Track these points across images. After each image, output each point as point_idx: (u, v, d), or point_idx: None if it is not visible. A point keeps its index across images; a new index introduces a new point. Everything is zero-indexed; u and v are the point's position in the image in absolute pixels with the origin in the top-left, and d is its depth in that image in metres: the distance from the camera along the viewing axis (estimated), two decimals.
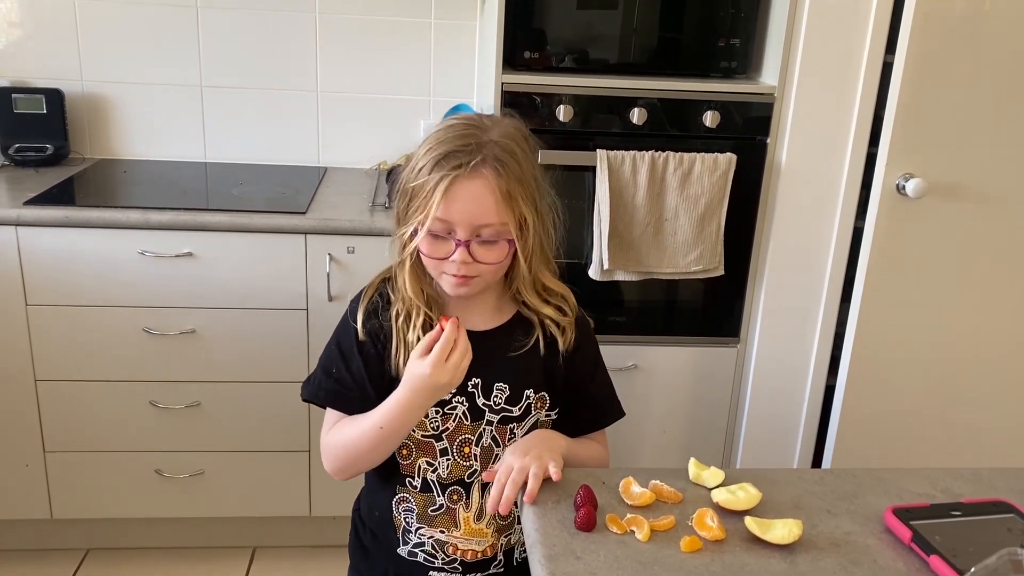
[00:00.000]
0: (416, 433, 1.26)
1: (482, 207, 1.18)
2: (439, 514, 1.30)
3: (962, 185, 2.00)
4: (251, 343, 2.10)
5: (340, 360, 1.28)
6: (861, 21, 1.99)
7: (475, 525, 1.29)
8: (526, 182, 1.22)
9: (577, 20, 2.12)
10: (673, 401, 2.26)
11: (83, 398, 2.10)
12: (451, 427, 1.27)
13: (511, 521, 1.31)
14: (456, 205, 1.17)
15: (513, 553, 1.34)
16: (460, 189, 1.18)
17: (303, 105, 2.51)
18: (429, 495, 1.29)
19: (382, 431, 1.20)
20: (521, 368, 1.27)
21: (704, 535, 1.02)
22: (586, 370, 1.33)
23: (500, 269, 1.24)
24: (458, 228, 1.18)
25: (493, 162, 1.19)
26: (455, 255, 1.19)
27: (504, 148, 1.20)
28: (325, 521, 2.29)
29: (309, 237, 2.04)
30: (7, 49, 2.40)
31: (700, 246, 2.08)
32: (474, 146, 1.19)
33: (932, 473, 1.20)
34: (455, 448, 1.27)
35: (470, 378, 1.24)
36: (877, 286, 2.03)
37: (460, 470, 1.28)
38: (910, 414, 2.16)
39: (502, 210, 1.18)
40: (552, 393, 1.30)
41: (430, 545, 1.31)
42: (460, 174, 1.17)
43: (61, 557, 2.26)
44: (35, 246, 1.99)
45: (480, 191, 1.18)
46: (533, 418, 1.29)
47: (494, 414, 1.27)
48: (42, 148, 2.34)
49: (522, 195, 1.20)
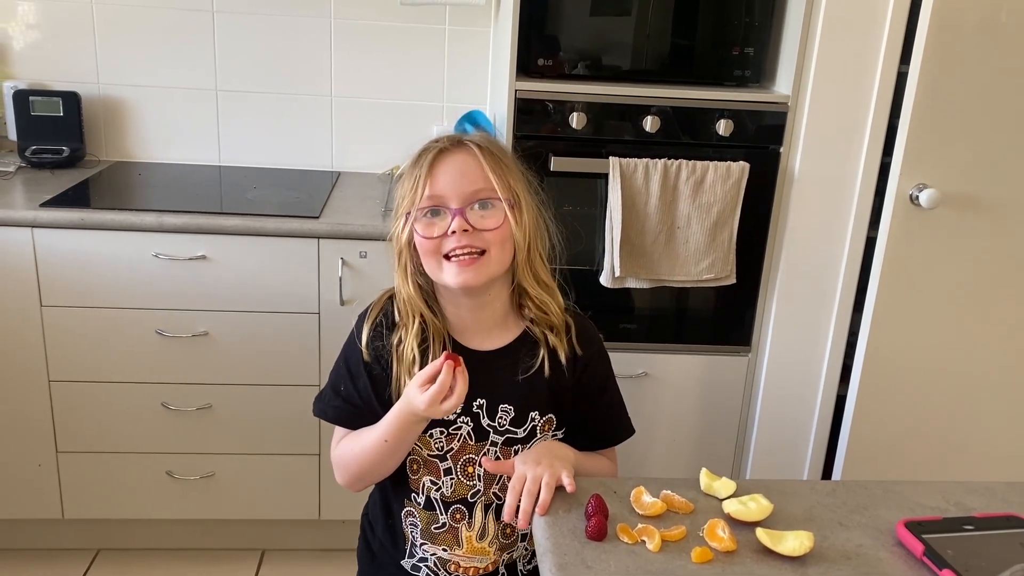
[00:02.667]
0: (423, 451, 1.26)
1: (470, 175, 1.19)
2: (442, 532, 1.29)
3: (976, 196, 2.00)
4: (263, 346, 2.11)
5: (348, 379, 1.28)
6: (876, 30, 1.99)
7: (477, 544, 1.29)
8: (512, 163, 1.24)
9: (590, 27, 2.12)
10: (683, 409, 2.26)
11: (96, 399, 2.12)
12: (455, 447, 1.26)
13: (514, 539, 1.31)
14: (444, 177, 1.19)
15: (516, 566, 1.34)
16: (446, 163, 1.20)
17: (317, 110, 2.52)
18: (432, 513, 1.29)
19: (386, 444, 1.20)
20: (526, 390, 1.26)
21: (715, 546, 1.02)
22: (596, 387, 1.32)
23: (504, 245, 1.21)
24: (450, 200, 1.18)
25: (475, 141, 1.22)
26: (452, 224, 1.17)
27: (485, 137, 1.25)
28: (334, 525, 2.30)
29: (322, 241, 2.05)
30: (25, 52, 2.42)
31: (712, 254, 2.08)
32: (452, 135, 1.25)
33: (945, 486, 1.19)
34: (459, 468, 1.27)
35: (475, 399, 1.24)
36: (889, 296, 2.02)
37: (463, 489, 1.28)
38: (922, 424, 2.15)
39: (492, 177, 1.19)
40: (559, 414, 1.29)
41: (432, 562, 1.31)
42: (445, 147, 1.21)
43: (72, 557, 2.27)
44: (51, 248, 2.00)
45: (467, 161, 1.20)
46: (539, 440, 1.28)
47: (498, 435, 1.26)
48: (58, 150, 2.35)
49: (510, 171, 1.22)
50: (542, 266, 1.28)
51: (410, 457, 1.27)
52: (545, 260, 1.29)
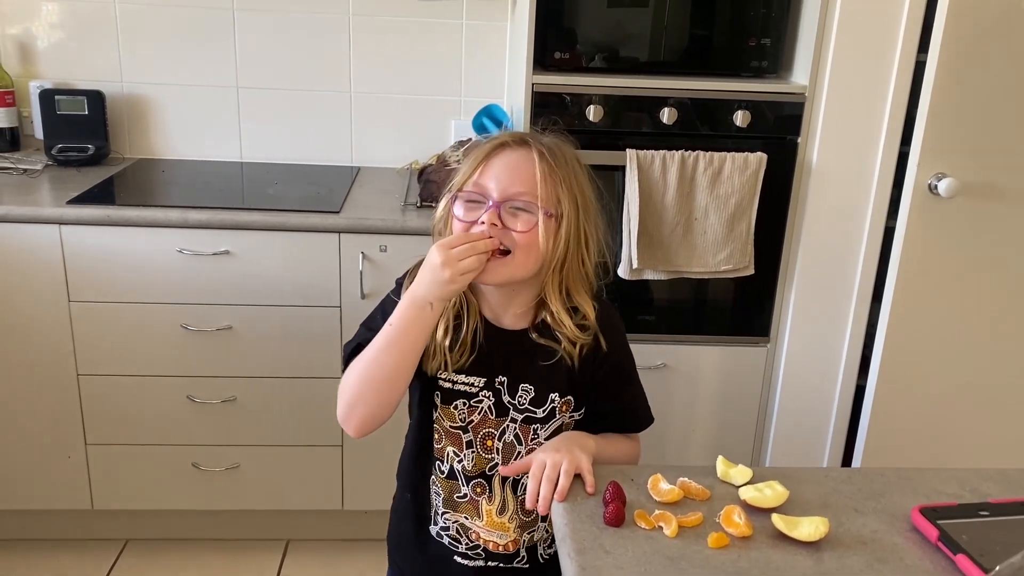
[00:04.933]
0: (445, 422, 1.29)
1: (519, 175, 1.20)
2: (464, 502, 1.32)
3: (994, 185, 1.99)
4: (286, 339, 2.14)
5: (382, 320, 1.26)
6: (893, 20, 1.98)
7: (497, 519, 1.31)
8: (571, 177, 1.23)
9: (607, 19, 2.13)
10: (703, 400, 2.27)
11: (123, 392, 2.16)
12: (476, 419, 1.28)
13: (534, 518, 1.33)
14: (494, 170, 1.21)
15: (537, 550, 1.35)
16: (502, 157, 1.22)
17: (336, 106, 2.55)
18: (455, 482, 1.31)
19: (391, 329, 1.20)
20: (547, 372, 1.27)
21: (731, 531, 1.03)
22: (618, 377, 1.32)
23: (530, 251, 1.21)
24: (492, 193, 1.20)
25: (541, 146, 1.22)
26: (484, 215, 1.19)
27: (558, 145, 1.25)
28: (357, 515, 2.33)
29: (343, 236, 2.08)
30: (50, 52, 2.46)
31: (730, 245, 2.08)
32: (527, 133, 1.25)
33: (960, 473, 1.20)
34: (479, 441, 1.29)
35: (497, 375, 1.26)
36: (908, 286, 2.02)
37: (483, 463, 1.30)
38: (940, 414, 2.15)
39: (538, 184, 1.20)
40: (577, 397, 1.30)
41: (455, 529, 1.33)
42: (508, 143, 1.22)
43: (101, 547, 2.31)
44: (77, 244, 2.04)
45: (521, 161, 1.21)
46: (558, 421, 1.29)
47: (518, 413, 1.28)
48: (84, 148, 2.39)
49: (564, 183, 1.21)
50: (577, 282, 1.27)
51: (434, 426, 1.29)
52: (585, 275, 1.28)
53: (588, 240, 1.26)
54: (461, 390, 1.27)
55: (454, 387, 1.27)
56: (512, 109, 2.34)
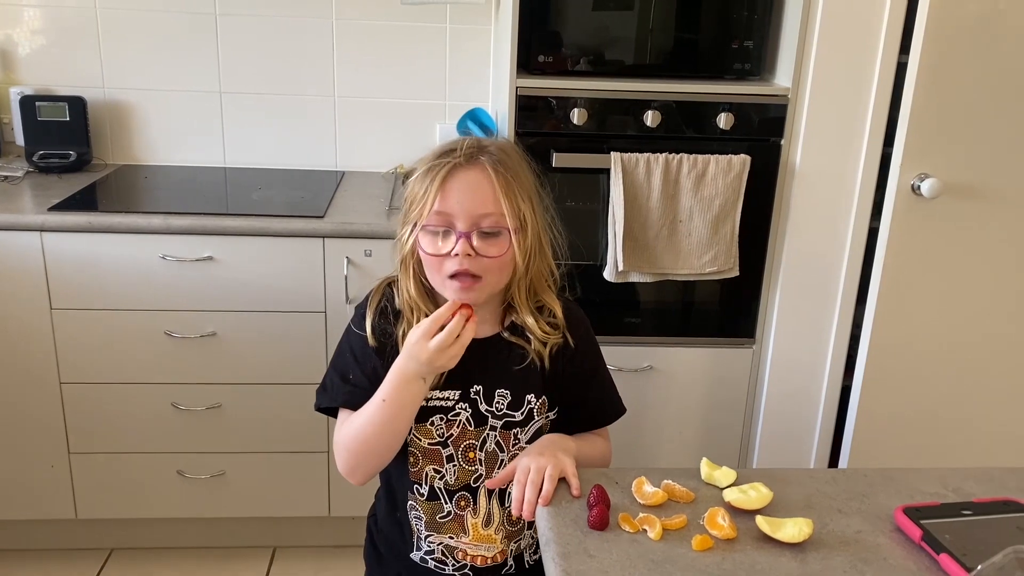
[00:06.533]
0: (423, 441, 1.28)
1: (480, 196, 1.19)
2: (447, 521, 1.31)
3: (978, 185, 2.00)
4: (270, 345, 2.13)
5: (355, 365, 1.29)
6: (875, 22, 1.99)
7: (483, 531, 1.31)
8: (524, 182, 1.23)
9: (592, 22, 2.13)
10: (689, 402, 2.27)
11: (107, 400, 2.14)
12: (455, 433, 1.28)
13: (520, 527, 1.32)
14: (454, 195, 1.19)
15: (523, 557, 1.35)
16: (458, 179, 1.20)
17: (321, 110, 2.54)
18: (436, 503, 1.30)
19: (384, 404, 1.20)
20: (521, 374, 1.28)
21: (715, 534, 1.03)
22: (587, 369, 1.34)
23: (503, 270, 1.23)
24: (457, 220, 1.19)
25: (491, 156, 1.21)
26: (456, 247, 1.18)
27: (502, 149, 1.24)
28: (344, 521, 2.32)
29: (327, 241, 2.07)
30: (31, 58, 2.45)
31: (715, 247, 2.09)
32: (471, 146, 1.23)
33: (943, 473, 1.20)
34: (460, 454, 1.28)
35: (472, 385, 1.26)
36: (893, 286, 2.03)
37: (466, 475, 1.29)
38: (926, 415, 2.16)
39: (501, 201, 1.19)
40: (551, 396, 1.31)
41: (439, 552, 1.32)
42: (458, 162, 1.20)
43: (85, 556, 2.30)
44: (59, 251, 2.03)
45: (478, 179, 1.20)
46: (537, 423, 1.30)
47: (497, 419, 1.28)
48: (65, 155, 2.38)
49: (520, 192, 1.22)
50: (542, 281, 1.29)
51: (409, 449, 1.29)
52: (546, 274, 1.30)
53: (544, 237, 1.28)
54: (436, 406, 1.26)
55: (428, 403, 1.26)
56: (496, 113, 2.34)
